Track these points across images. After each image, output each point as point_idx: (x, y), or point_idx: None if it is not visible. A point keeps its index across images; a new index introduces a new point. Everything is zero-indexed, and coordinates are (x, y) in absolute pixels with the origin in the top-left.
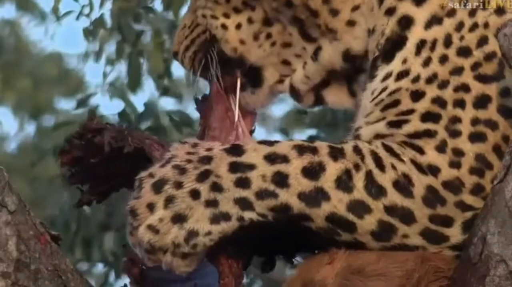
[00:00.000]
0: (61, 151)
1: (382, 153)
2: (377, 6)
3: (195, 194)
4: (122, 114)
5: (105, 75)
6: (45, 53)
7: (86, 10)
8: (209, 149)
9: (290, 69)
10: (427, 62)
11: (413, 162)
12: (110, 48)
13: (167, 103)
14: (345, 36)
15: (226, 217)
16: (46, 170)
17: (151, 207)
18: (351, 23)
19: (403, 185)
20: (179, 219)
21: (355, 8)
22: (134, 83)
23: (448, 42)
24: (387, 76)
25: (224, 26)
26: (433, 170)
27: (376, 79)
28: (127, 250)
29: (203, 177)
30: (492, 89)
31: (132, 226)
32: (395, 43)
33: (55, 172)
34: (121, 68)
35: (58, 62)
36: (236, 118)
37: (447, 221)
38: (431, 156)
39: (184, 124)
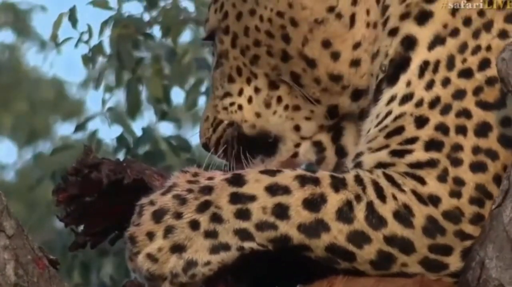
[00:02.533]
0: (57, 189)
1: (383, 183)
2: (381, 28)
3: (194, 225)
4: (120, 139)
5: (104, 102)
6: (43, 78)
7: (85, 37)
8: (210, 178)
9: (298, 136)
10: (430, 85)
11: (414, 192)
12: (109, 75)
13: (166, 129)
14: (353, 79)
15: (225, 247)
16: (44, 194)
17: (150, 236)
18: (355, 62)
19: (404, 216)
20: (178, 249)
21: (357, 46)
22: (133, 110)
23: (450, 64)
24: (391, 100)
25: (240, 107)
26: (434, 200)
27: (380, 103)
28: (128, 284)
29: (203, 207)
30: (492, 117)
31: (131, 252)
32: (399, 65)
33: (52, 197)
34: (120, 93)
35: (56, 87)
36: None
37: (447, 250)
38: (432, 186)
39: (182, 149)
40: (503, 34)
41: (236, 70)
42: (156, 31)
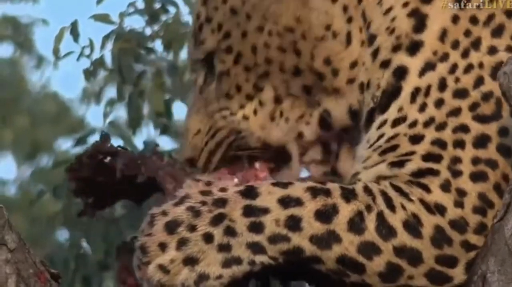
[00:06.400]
0: (70, 169)
1: (392, 193)
2: (370, 61)
3: (208, 238)
4: None
5: (105, 115)
6: (45, 93)
7: (87, 51)
8: (223, 189)
9: (302, 143)
10: (423, 108)
11: (422, 201)
12: (111, 89)
13: (166, 143)
14: (348, 93)
15: (237, 261)
16: (45, 208)
17: (163, 247)
18: (351, 81)
19: (413, 225)
20: (190, 261)
21: (353, 65)
22: (135, 124)
23: (442, 85)
24: (382, 124)
25: (245, 117)
26: (440, 209)
27: (372, 129)
28: (120, 256)
29: (217, 220)
30: (491, 129)
31: (140, 261)
32: (390, 95)
33: (53, 211)
34: (121, 107)
35: (57, 102)
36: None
37: (452, 262)
38: (437, 195)
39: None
40: (492, 50)
41: (235, 87)
42: (158, 45)
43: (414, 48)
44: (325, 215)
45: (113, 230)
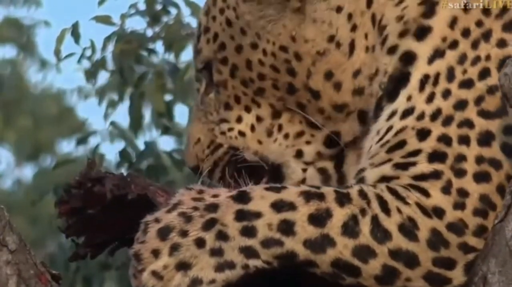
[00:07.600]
0: (59, 201)
1: (388, 197)
2: (379, 48)
3: (200, 243)
4: (122, 153)
5: (106, 117)
6: (47, 94)
7: (88, 53)
8: (215, 196)
9: (302, 162)
10: (431, 98)
11: (418, 205)
12: (112, 90)
13: (167, 144)
14: (358, 105)
15: (230, 265)
16: (46, 209)
17: (155, 253)
18: (358, 91)
19: (408, 229)
20: (183, 266)
21: (357, 73)
22: (136, 125)
23: (450, 75)
24: (392, 115)
25: (241, 133)
26: (438, 213)
27: (381, 119)
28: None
29: (208, 225)
30: (495, 126)
31: (135, 269)
32: (398, 80)
33: (54, 211)
34: (123, 108)
35: (59, 103)
36: None
37: (450, 264)
38: (436, 198)
39: (185, 164)
40: (501, 44)
41: (234, 98)
42: (159, 46)
43: (421, 33)
44: (319, 219)
45: None
